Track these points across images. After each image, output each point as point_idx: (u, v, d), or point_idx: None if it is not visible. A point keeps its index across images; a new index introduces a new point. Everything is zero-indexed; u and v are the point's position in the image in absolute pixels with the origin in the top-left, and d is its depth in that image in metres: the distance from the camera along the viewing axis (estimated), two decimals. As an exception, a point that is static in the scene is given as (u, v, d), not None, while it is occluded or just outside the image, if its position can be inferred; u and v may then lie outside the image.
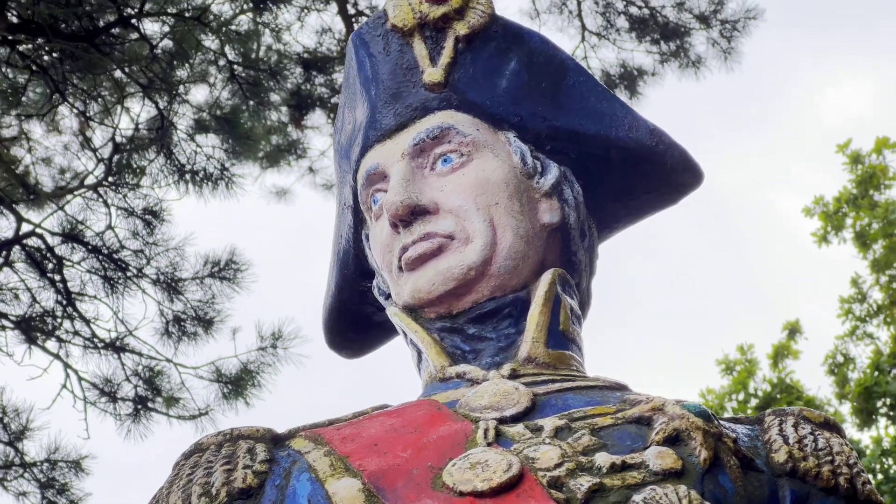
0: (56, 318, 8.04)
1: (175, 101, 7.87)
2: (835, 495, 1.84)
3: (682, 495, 1.66)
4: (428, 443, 1.81)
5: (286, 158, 9.58)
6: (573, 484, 1.67)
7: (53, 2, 6.96)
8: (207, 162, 8.10)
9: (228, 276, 8.03)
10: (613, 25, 9.88)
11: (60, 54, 7.37)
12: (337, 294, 2.36)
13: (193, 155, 8.05)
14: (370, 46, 2.27)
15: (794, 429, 1.91)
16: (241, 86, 8.03)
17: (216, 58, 8.06)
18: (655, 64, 9.81)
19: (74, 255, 8.03)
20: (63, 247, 8.01)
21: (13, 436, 7.96)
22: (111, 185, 7.79)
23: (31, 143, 8.20)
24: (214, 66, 8.04)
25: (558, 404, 1.87)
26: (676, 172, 2.25)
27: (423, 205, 2.06)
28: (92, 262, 8.01)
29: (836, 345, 15.37)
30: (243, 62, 8.18)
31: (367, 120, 2.21)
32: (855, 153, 15.29)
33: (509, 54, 2.23)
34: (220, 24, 7.63)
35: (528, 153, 2.15)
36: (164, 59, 7.65)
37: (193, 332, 8.13)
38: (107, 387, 8.17)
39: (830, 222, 15.47)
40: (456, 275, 2.02)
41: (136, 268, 7.97)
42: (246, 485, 1.80)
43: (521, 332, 2.03)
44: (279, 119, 9.26)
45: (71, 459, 8.04)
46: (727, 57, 9.60)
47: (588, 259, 2.22)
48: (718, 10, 9.59)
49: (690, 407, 1.83)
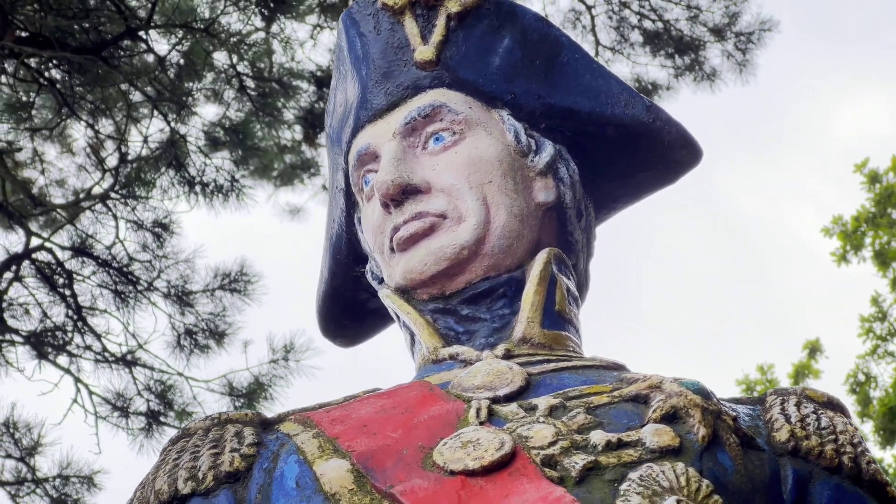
0: (67, 333, 8.02)
1: (184, 112, 7.86)
2: (838, 475, 1.78)
3: (680, 473, 1.62)
4: (419, 423, 1.77)
5: (299, 177, 9.58)
6: (567, 462, 1.63)
7: (61, 14, 6.95)
8: (217, 174, 8.09)
9: (239, 287, 8.01)
10: (627, 40, 9.88)
11: (68, 67, 7.37)
12: (330, 280, 2.32)
13: (203, 167, 8.04)
14: (360, 25, 2.23)
15: (796, 408, 1.86)
16: (250, 97, 8.02)
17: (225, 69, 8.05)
18: (670, 78, 9.81)
19: (85, 269, 8.02)
20: (73, 261, 7.99)
21: (25, 451, 7.94)
22: (120, 198, 7.77)
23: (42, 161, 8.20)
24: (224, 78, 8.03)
25: (553, 383, 1.83)
26: (674, 149, 2.20)
27: (414, 184, 2.02)
28: (102, 276, 7.99)
29: (857, 364, 15.32)
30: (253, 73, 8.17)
31: (357, 100, 2.17)
32: (873, 172, 15.29)
33: (502, 32, 2.19)
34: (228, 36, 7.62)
35: (521, 131, 2.11)
36: (172, 71, 7.64)
37: (205, 344, 8.11)
38: (118, 401, 8.15)
39: (849, 241, 15.44)
40: (448, 254, 1.98)
41: (146, 281, 7.95)
42: (233, 468, 1.77)
43: (515, 313, 1.98)
44: (293, 137, 9.26)
45: (83, 475, 8.01)
46: (742, 69, 9.58)
47: (585, 240, 2.18)
48: (733, 22, 9.57)
49: (688, 384, 1.79)
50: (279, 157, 9.37)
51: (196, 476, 1.76)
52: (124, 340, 8.11)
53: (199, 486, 1.75)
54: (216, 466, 1.77)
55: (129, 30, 7.27)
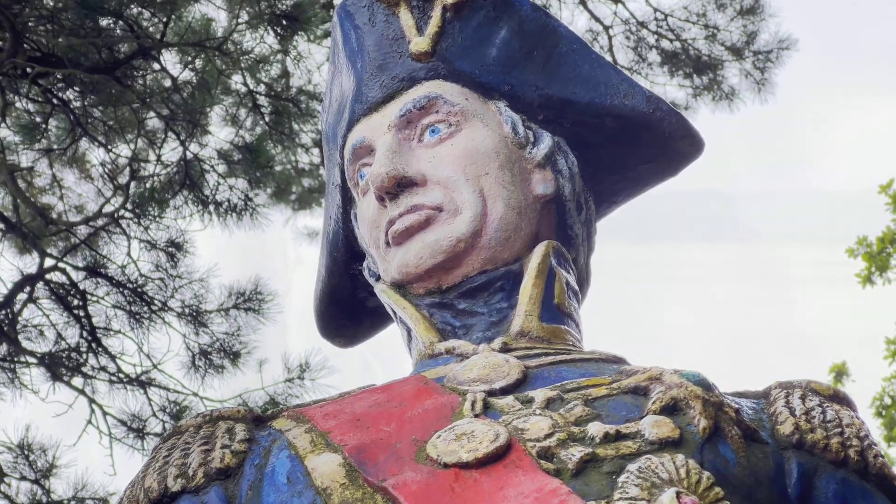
0: (81, 354, 8.00)
1: (198, 131, 7.86)
2: (844, 468, 1.74)
3: (680, 464, 1.59)
4: (413, 416, 1.74)
5: (317, 200, 9.57)
6: (564, 454, 1.60)
7: (73, 34, 6.96)
8: (231, 192, 8.08)
9: (254, 306, 7.98)
10: (645, 60, 9.85)
11: (81, 87, 7.37)
12: (327, 279, 2.29)
13: (217, 185, 8.03)
14: (355, 18, 2.20)
15: (801, 401, 1.82)
16: (264, 118, 8.02)
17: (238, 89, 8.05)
18: (688, 98, 9.76)
19: (99, 290, 8.01)
20: (87, 281, 7.98)
21: (40, 473, 7.91)
22: (133, 218, 7.77)
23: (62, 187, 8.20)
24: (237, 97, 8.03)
25: (551, 376, 1.80)
26: (675, 140, 2.16)
27: (409, 176, 1.99)
28: (116, 297, 7.98)
29: (883, 387, 15.18)
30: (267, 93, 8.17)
31: (352, 93, 2.14)
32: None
33: (499, 22, 2.16)
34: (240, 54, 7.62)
35: (519, 123, 2.08)
36: (185, 90, 7.64)
37: (220, 364, 8.08)
38: (133, 422, 8.12)
39: (874, 263, 15.33)
40: (444, 247, 1.95)
41: (160, 301, 7.94)
42: (224, 464, 1.74)
43: (513, 307, 1.95)
44: (310, 161, 9.26)
45: (98, 497, 7.97)
46: (761, 88, 9.55)
47: (585, 233, 2.14)
48: (751, 41, 9.54)
49: (689, 375, 1.76)
50: (297, 181, 9.36)
51: (186, 473, 1.74)
52: (139, 361, 8.09)
53: (189, 483, 1.72)
54: (206, 463, 1.74)
55: (142, 49, 7.28)
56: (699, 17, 9.66)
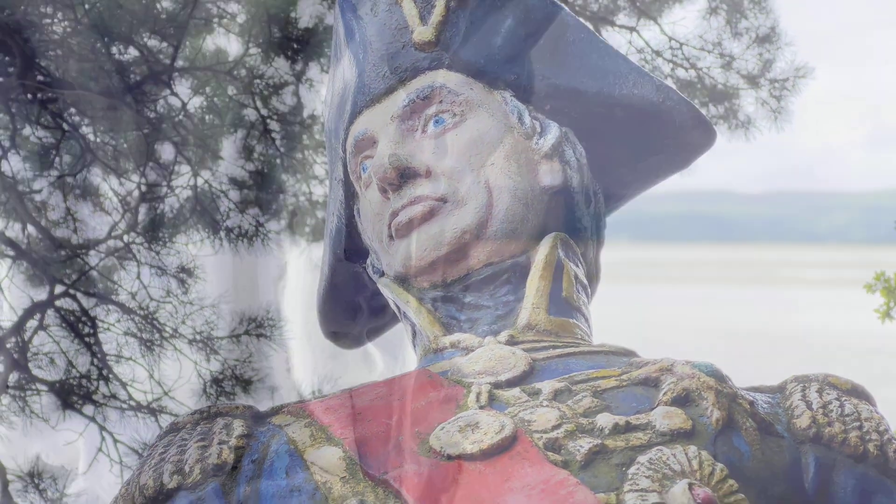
0: (92, 381, 7.97)
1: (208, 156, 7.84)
2: (864, 463, 1.69)
3: (692, 456, 1.55)
4: (416, 409, 1.71)
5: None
6: (572, 446, 1.56)
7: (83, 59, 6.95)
8: (242, 218, 8.04)
9: (265, 332, 7.93)
10: (661, 89, 9.82)
11: (91, 112, 7.36)
12: (330, 277, 2.24)
13: (228, 212, 8.00)
14: (357, 8, 2.16)
15: (818, 394, 1.77)
16: (274, 141, 7.99)
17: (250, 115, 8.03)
18: (705, 127, 9.73)
19: (109, 317, 7.97)
20: (97, 308, 7.95)
21: (50, 502, 7.87)
22: (143, 243, 7.75)
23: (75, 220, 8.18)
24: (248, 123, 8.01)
25: (559, 368, 1.75)
26: (685, 130, 2.10)
27: (413, 167, 1.94)
28: (127, 324, 7.94)
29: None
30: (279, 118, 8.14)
31: (355, 85, 2.10)
32: (917, 227, 15.12)
33: (504, 11, 2.11)
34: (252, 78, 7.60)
35: (525, 113, 2.03)
36: (196, 115, 7.62)
37: (231, 391, 8.03)
38: (144, 451, 8.07)
39: (893, 297, 15.27)
40: (449, 239, 1.89)
41: (171, 327, 7.90)
42: (221, 460, 1.70)
43: (520, 300, 1.89)
44: (324, 193, 9.23)
45: (109, 525, 7.93)
46: (777, 116, 9.51)
47: (594, 227, 2.08)
48: (767, 69, 9.51)
49: (701, 366, 1.71)
50: (311, 213, 9.33)
51: (182, 469, 1.70)
52: (150, 388, 8.04)
53: (185, 479, 1.69)
54: (203, 459, 1.70)
55: (153, 73, 7.26)
56: (714, 46, 9.63)
